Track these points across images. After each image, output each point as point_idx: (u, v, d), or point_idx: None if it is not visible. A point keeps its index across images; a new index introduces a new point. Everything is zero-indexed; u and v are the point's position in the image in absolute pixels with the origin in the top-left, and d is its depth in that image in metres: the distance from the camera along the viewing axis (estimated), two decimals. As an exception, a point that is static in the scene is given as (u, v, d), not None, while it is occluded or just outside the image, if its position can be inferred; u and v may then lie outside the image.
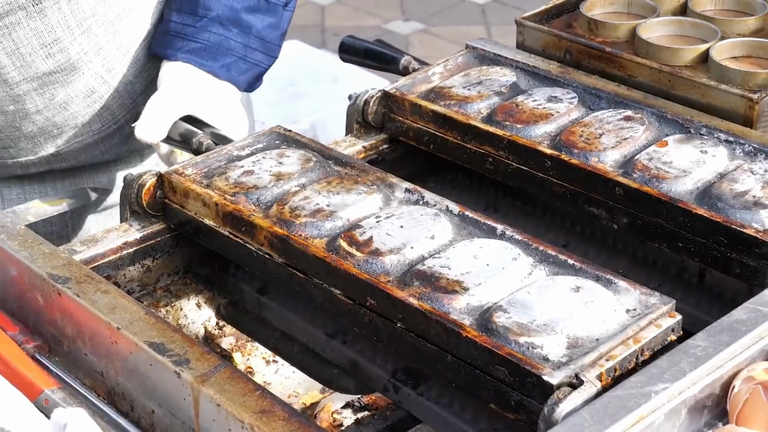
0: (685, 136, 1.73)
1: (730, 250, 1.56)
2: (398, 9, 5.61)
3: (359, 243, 1.54)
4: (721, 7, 2.09)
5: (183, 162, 1.74)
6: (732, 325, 1.39)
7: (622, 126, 1.75)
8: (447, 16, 5.33)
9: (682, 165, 1.66)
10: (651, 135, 1.75)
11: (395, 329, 1.47)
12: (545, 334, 1.37)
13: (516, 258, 1.50)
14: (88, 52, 1.93)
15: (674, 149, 1.70)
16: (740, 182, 1.62)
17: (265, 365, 1.82)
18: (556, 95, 1.85)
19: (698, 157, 1.68)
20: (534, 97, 1.85)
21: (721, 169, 1.66)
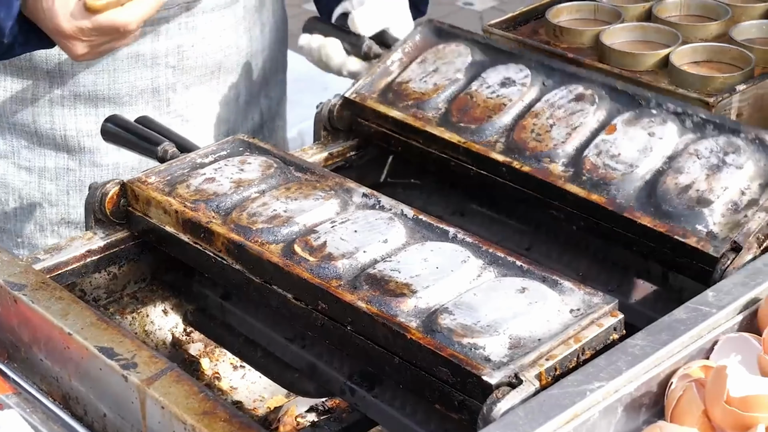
0: (634, 114, 1.75)
1: (677, 256, 1.58)
2: (397, 16, 5.64)
3: (313, 248, 1.56)
4: (686, 13, 2.12)
5: (146, 170, 1.77)
6: (672, 324, 1.41)
7: (573, 110, 1.77)
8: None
9: (629, 157, 1.69)
10: (602, 115, 1.77)
11: (345, 332, 1.49)
12: (488, 335, 1.40)
13: (465, 260, 1.53)
14: None
15: (622, 135, 1.72)
16: (685, 172, 1.64)
17: (232, 370, 1.84)
18: (510, 76, 1.88)
19: (646, 142, 1.70)
20: (488, 82, 1.88)
21: (669, 152, 1.69)
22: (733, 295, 1.45)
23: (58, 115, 2.06)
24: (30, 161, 2.09)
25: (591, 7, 2.12)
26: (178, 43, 2.05)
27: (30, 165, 2.10)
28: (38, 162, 2.09)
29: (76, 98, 2.05)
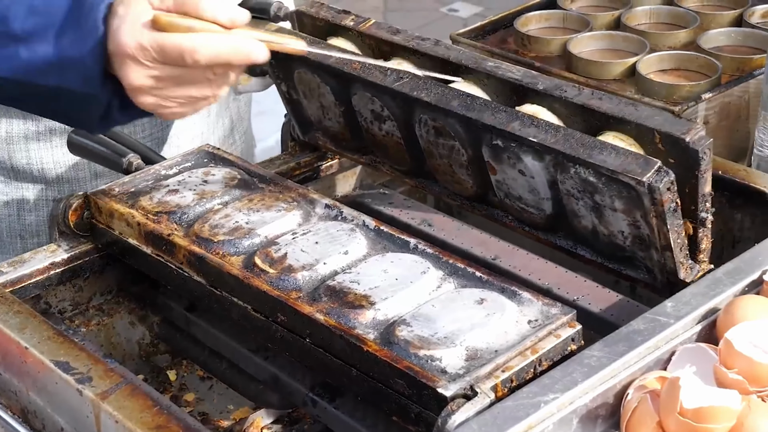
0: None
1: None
2: (381, 23, 5.63)
3: (273, 260, 1.56)
4: (656, 21, 2.12)
5: (110, 183, 1.76)
6: (629, 335, 1.40)
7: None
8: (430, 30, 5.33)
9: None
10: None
11: (304, 344, 1.49)
12: (445, 346, 1.39)
13: (425, 272, 1.52)
14: None
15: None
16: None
17: (200, 381, 1.84)
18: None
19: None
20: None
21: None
22: (692, 305, 1.45)
23: (34, 149, 2.03)
24: (8, 195, 2.06)
25: (560, 15, 2.12)
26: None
27: (8, 198, 2.07)
28: (16, 195, 2.07)
29: (51, 132, 2.01)
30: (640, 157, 1.44)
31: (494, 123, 1.55)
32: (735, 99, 1.90)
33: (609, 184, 1.47)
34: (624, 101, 1.50)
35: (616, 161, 1.45)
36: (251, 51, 1.47)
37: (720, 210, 1.76)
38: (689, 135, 1.43)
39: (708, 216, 1.49)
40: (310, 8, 1.79)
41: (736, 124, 1.92)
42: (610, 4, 2.18)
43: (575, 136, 1.50)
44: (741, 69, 1.94)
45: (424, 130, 1.66)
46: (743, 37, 2.04)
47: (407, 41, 1.68)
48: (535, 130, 1.52)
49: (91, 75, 1.49)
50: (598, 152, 1.47)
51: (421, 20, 5.64)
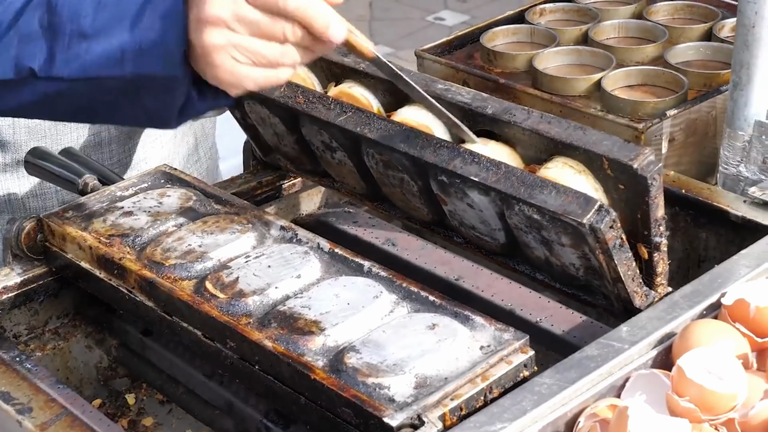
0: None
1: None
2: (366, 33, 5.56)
3: (224, 284, 1.53)
4: (624, 35, 2.09)
5: (64, 205, 1.74)
6: (581, 362, 1.37)
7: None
8: (415, 39, 5.30)
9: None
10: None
11: (254, 371, 1.46)
12: (393, 374, 1.36)
13: (377, 296, 1.50)
14: None
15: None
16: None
17: (159, 405, 1.81)
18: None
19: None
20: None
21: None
22: (648, 329, 1.42)
23: (0, 180, 2.00)
24: None
25: (527, 30, 2.09)
26: None
27: None
28: None
29: (18, 163, 1.98)
30: (581, 196, 1.41)
31: (436, 161, 1.52)
32: (702, 115, 1.87)
33: (553, 221, 1.44)
34: (573, 125, 1.47)
35: (556, 201, 1.42)
36: (332, 23, 1.42)
37: (685, 229, 1.74)
38: (637, 161, 1.40)
39: (662, 240, 1.46)
40: None
41: (703, 141, 1.89)
42: (579, 18, 2.15)
43: (516, 173, 1.47)
44: (708, 84, 1.91)
45: (373, 162, 1.64)
46: (712, 51, 2.01)
47: (357, 63, 1.65)
48: (477, 168, 1.49)
49: (173, 55, 1.43)
50: (538, 191, 1.44)
51: (407, 29, 5.61)
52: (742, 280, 1.49)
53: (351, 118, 1.61)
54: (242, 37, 1.42)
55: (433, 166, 1.52)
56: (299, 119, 1.69)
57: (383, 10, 5.82)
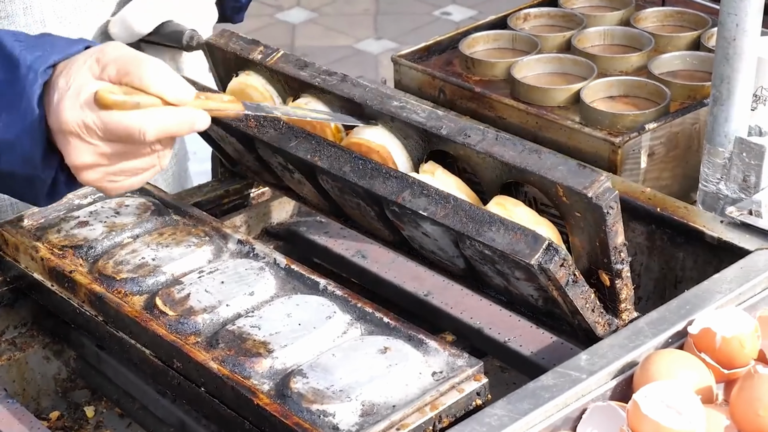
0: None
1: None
2: (371, 28, 5.50)
3: (175, 301, 1.48)
4: (610, 43, 2.02)
5: (19, 214, 1.69)
6: (536, 392, 1.31)
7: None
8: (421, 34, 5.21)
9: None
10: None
11: (200, 393, 1.41)
12: (339, 401, 1.31)
13: (330, 316, 1.44)
14: None
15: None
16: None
17: (118, 419, 1.76)
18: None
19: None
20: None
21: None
22: (608, 358, 1.36)
23: None
24: None
25: (508, 36, 2.03)
26: None
27: None
28: None
29: None
30: (529, 234, 1.35)
31: (385, 193, 1.47)
32: (686, 128, 1.81)
33: (504, 258, 1.38)
34: (528, 148, 1.40)
35: (504, 240, 1.36)
36: (195, 121, 1.42)
37: (661, 248, 1.68)
38: (592, 189, 1.33)
39: (624, 267, 1.40)
40: (219, 39, 1.70)
41: (686, 155, 1.82)
42: (564, 23, 2.08)
43: (464, 208, 1.41)
44: (692, 96, 1.84)
45: (328, 186, 1.58)
46: (699, 61, 1.94)
47: (313, 78, 1.59)
48: (425, 201, 1.44)
49: (30, 156, 1.42)
50: (487, 228, 1.38)
51: (413, 24, 5.53)
52: (712, 307, 1.43)
53: (302, 144, 1.55)
54: (114, 166, 1.42)
55: (383, 197, 1.47)
56: (254, 141, 1.63)
57: (389, 3, 5.74)
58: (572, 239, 1.42)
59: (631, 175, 1.74)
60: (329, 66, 1.68)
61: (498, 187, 1.46)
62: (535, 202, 1.45)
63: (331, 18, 5.58)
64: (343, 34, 5.40)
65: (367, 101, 1.53)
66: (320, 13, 5.66)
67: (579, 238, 1.40)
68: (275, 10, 5.76)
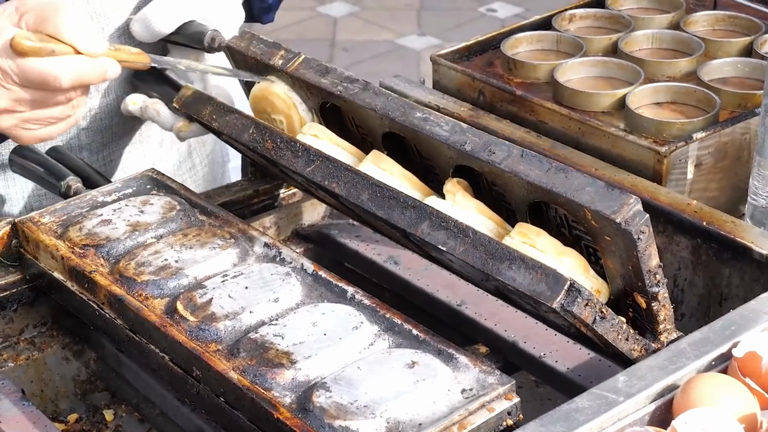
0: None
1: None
2: (414, 23, 5.42)
3: (196, 306, 1.43)
4: (658, 47, 1.95)
5: (42, 210, 1.64)
6: (570, 414, 1.25)
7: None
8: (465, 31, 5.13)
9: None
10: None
11: (219, 403, 1.35)
12: (363, 417, 1.25)
13: (357, 327, 1.38)
14: None
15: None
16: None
17: (138, 424, 1.70)
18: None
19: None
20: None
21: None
22: (647, 380, 1.29)
23: None
24: None
25: (553, 37, 1.96)
26: (90, 105, 1.85)
27: None
28: None
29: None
30: (550, 274, 1.29)
31: (403, 225, 1.41)
32: (735, 138, 1.73)
33: (527, 296, 1.32)
34: (555, 167, 1.34)
35: (524, 280, 1.30)
36: (107, 69, 1.51)
37: (707, 263, 1.61)
38: (621, 214, 1.26)
39: (659, 289, 1.33)
40: (240, 42, 1.65)
41: (735, 166, 1.75)
42: (611, 26, 2.01)
43: (483, 242, 1.35)
44: (743, 105, 1.77)
45: (349, 207, 1.52)
46: (751, 68, 1.86)
47: (334, 86, 1.53)
48: (444, 235, 1.38)
49: None
50: (507, 266, 1.32)
51: (456, 20, 5.44)
52: (758, 328, 1.36)
53: (318, 169, 1.50)
54: (29, 113, 1.50)
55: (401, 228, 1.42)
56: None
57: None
58: (605, 261, 1.36)
59: (677, 186, 1.67)
60: (371, 61, 1.63)
61: (526, 205, 1.40)
62: (566, 219, 1.38)
63: (373, 12, 5.51)
64: (385, 28, 5.33)
65: (389, 112, 1.47)
66: (362, 6, 5.59)
67: (611, 261, 1.33)
68: (317, 3, 5.70)
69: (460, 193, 1.42)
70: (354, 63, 4.87)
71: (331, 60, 5.12)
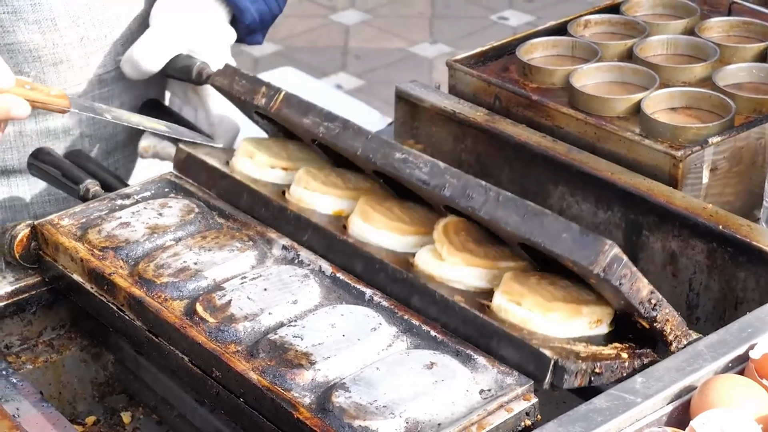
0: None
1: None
2: (426, 31, 5.42)
3: (216, 307, 1.44)
4: (673, 52, 1.95)
5: (60, 212, 1.65)
6: (588, 414, 1.26)
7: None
8: (477, 39, 5.13)
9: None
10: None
11: (239, 404, 1.36)
12: (382, 417, 1.26)
13: (376, 328, 1.39)
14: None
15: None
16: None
17: (155, 426, 1.71)
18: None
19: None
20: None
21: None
22: (664, 381, 1.30)
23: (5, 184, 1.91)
24: None
25: (568, 43, 1.96)
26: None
27: None
28: None
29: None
30: (536, 354, 1.32)
31: (398, 296, 1.46)
32: (751, 143, 1.74)
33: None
34: (531, 210, 1.35)
35: (513, 358, 1.34)
36: (11, 107, 1.53)
37: (722, 267, 1.61)
38: (598, 265, 1.28)
39: (657, 313, 1.34)
40: (223, 80, 1.67)
41: (751, 171, 1.75)
42: (626, 31, 2.01)
43: (470, 318, 1.38)
44: (758, 110, 1.77)
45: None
46: (765, 74, 1.86)
47: (315, 126, 1.55)
48: (435, 310, 1.42)
49: None
50: (495, 343, 1.36)
51: (469, 28, 5.45)
52: (775, 330, 1.36)
53: (312, 238, 1.55)
54: None
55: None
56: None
57: (445, 6, 5.66)
58: (600, 292, 1.38)
59: (693, 190, 1.67)
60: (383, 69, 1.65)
61: (516, 243, 1.42)
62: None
63: (385, 20, 5.52)
64: (397, 36, 5.34)
65: (369, 154, 1.49)
66: (375, 14, 5.60)
67: (605, 294, 1.36)
68: (329, 11, 5.71)
69: (446, 248, 1.45)
70: (366, 70, 4.88)
71: (343, 67, 5.14)
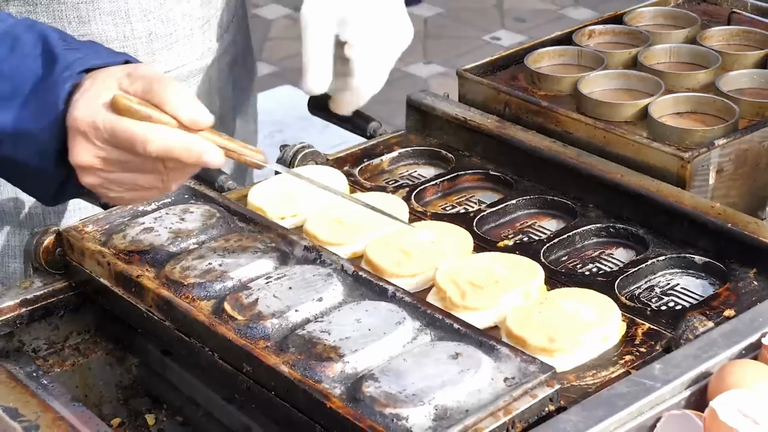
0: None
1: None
2: (420, 52, 5.46)
3: (243, 306, 1.48)
4: (676, 60, 2.01)
5: (84, 219, 1.69)
6: (610, 399, 1.30)
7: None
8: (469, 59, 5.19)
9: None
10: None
11: (270, 397, 1.40)
12: (412, 405, 1.30)
13: (400, 322, 1.43)
14: None
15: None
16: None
17: (179, 427, 1.75)
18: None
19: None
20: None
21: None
22: (682, 368, 1.34)
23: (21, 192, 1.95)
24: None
25: (574, 52, 2.02)
26: None
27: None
28: (0, 240, 1.98)
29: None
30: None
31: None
32: (754, 145, 1.79)
33: None
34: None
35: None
36: (204, 152, 1.40)
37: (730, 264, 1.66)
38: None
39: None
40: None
41: (754, 173, 1.81)
42: (630, 41, 2.07)
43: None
44: (761, 113, 1.83)
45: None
46: (766, 79, 1.92)
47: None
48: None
49: (47, 150, 1.44)
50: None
51: (462, 48, 5.50)
52: (786, 319, 1.41)
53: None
54: (113, 174, 1.43)
55: None
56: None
57: (438, 27, 5.72)
58: None
59: (700, 191, 1.73)
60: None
61: None
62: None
63: (379, 41, 5.57)
64: (391, 56, 5.40)
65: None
66: (369, 36, 5.66)
67: None
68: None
69: (449, 296, 1.53)
70: (364, 90, 4.93)
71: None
